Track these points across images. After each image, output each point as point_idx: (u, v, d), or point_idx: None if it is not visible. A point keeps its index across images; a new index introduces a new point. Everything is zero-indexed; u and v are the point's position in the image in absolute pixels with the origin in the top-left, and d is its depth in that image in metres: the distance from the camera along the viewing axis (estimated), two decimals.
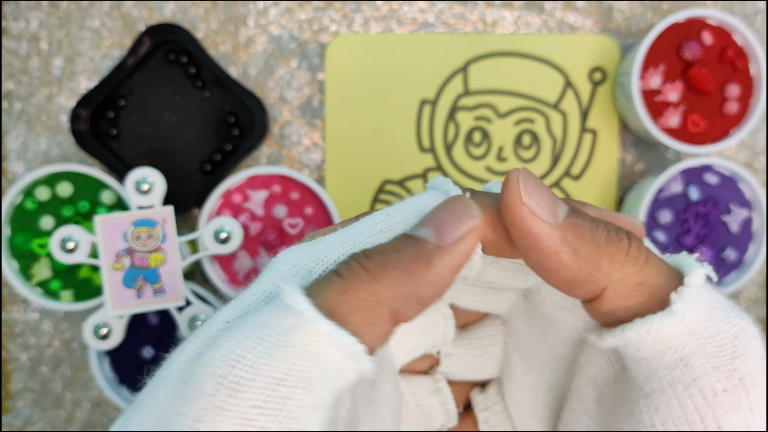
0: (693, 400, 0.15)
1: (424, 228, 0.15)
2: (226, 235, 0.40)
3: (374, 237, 0.17)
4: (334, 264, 0.16)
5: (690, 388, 0.15)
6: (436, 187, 0.19)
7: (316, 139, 0.48)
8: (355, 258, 0.15)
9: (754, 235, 0.44)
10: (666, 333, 0.15)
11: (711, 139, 0.44)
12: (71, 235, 0.39)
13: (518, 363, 0.23)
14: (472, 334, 0.23)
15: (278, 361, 0.14)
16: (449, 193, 0.18)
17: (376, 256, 0.15)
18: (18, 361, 0.48)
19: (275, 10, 0.47)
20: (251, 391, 0.14)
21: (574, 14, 0.48)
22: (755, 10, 0.48)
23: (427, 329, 0.22)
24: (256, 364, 0.14)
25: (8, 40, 0.47)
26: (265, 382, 0.14)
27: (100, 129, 0.46)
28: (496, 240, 0.17)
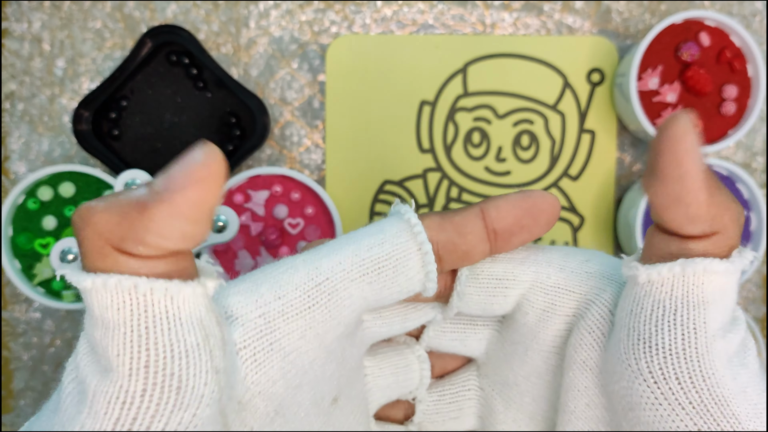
0: (698, 339, 0.17)
1: (159, 177, 0.16)
2: (222, 224, 0.40)
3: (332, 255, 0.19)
4: (298, 298, 0.18)
5: (699, 329, 0.17)
6: (397, 212, 0.20)
7: (317, 139, 0.48)
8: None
9: (752, 235, 0.45)
10: (713, 275, 0.17)
11: (709, 139, 0.44)
12: (71, 247, 0.39)
13: (498, 401, 0.23)
14: (446, 381, 0.24)
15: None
16: (409, 219, 0.19)
17: (107, 197, 0.16)
18: (20, 360, 0.48)
19: (276, 11, 0.48)
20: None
21: (573, 16, 0.48)
22: (753, 11, 0.48)
23: (402, 369, 0.23)
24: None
25: (10, 41, 0.47)
26: None
27: (102, 129, 0.46)
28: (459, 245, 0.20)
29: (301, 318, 0.18)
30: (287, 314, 0.18)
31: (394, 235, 0.19)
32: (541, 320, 0.21)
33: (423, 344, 0.23)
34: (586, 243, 0.48)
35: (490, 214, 0.20)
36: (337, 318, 0.19)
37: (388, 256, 0.19)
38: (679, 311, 0.17)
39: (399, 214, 0.20)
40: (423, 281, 0.20)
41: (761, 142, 0.49)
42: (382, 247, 0.19)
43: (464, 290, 0.21)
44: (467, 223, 0.20)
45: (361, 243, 0.19)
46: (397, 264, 0.19)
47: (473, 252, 0.20)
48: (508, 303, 0.21)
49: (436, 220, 0.20)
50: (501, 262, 0.21)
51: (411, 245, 0.19)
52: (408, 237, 0.19)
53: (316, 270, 0.19)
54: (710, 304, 0.17)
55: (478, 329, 0.23)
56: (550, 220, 0.20)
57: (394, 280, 0.19)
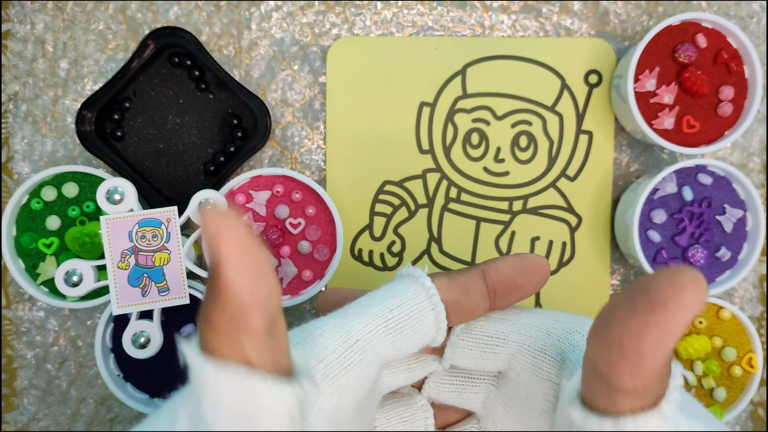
0: None
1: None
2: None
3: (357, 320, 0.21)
4: (336, 361, 0.20)
5: None
6: (411, 274, 0.22)
7: (318, 140, 0.49)
8: None
9: (748, 235, 0.45)
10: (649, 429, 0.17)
11: (705, 140, 0.45)
12: (75, 269, 0.39)
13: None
14: (451, 429, 0.26)
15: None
16: (423, 283, 0.22)
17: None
18: (24, 359, 0.48)
19: (277, 14, 0.48)
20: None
21: (571, 18, 0.48)
22: (750, 13, 0.49)
23: (408, 418, 0.25)
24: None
25: (14, 43, 0.48)
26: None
27: (104, 130, 0.47)
28: (464, 304, 0.22)
29: (340, 378, 0.20)
30: (329, 375, 0.20)
31: (411, 297, 0.22)
32: (531, 382, 0.22)
33: (425, 395, 0.25)
34: (584, 242, 0.48)
35: (490, 276, 0.23)
36: (367, 374, 0.21)
37: (407, 316, 0.21)
38: None
39: (413, 277, 0.22)
40: (434, 336, 0.22)
41: (758, 142, 0.49)
42: (401, 309, 0.22)
43: (458, 342, 0.23)
44: (471, 284, 0.22)
45: (383, 305, 0.22)
46: (415, 323, 0.22)
47: (476, 309, 0.23)
48: (499, 360, 0.23)
49: (445, 281, 0.22)
50: (493, 321, 0.23)
51: (426, 305, 0.22)
52: (424, 298, 0.22)
53: (348, 333, 0.21)
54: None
55: (475, 383, 0.25)
56: (542, 280, 0.23)
57: (412, 337, 0.22)
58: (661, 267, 0.45)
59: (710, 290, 0.45)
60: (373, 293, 0.22)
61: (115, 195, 0.39)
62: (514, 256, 0.23)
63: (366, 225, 0.48)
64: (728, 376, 0.45)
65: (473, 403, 0.25)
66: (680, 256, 0.45)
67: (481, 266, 0.23)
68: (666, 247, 0.45)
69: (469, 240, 0.48)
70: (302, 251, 0.45)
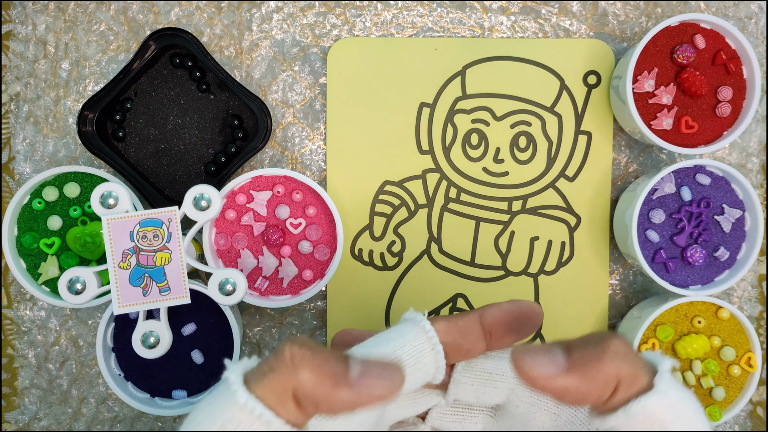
0: None
1: (358, 363, 0.20)
2: (205, 203, 0.40)
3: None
4: None
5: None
6: (412, 318, 0.24)
7: (318, 141, 0.49)
8: (286, 345, 0.20)
9: (747, 235, 0.45)
10: (652, 407, 0.20)
11: (704, 140, 0.45)
12: (78, 277, 0.39)
13: None
14: None
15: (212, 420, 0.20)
16: (423, 326, 0.24)
17: (306, 349, 0.20)
18: (25, 359, 0.49)
19: (278, 15, 0.48)
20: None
21: (570, 19, 0.49)
22: (748, 14, 0.49)
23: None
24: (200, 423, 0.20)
25: (15, 44, 0.48)
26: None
27: (106, 131, 0.47)
28: (462, 345, 0.24)
29: (348, 417, 0.22)
30: (339, 419, 0.22)
31: (413, 339, 0.24)
32: (529, 413, 0.25)
33: (428, 425, 0.27)
34: (583, 242, 0.48)
35: (486, 320, 0.25)
36: (376, 410, 0.23)
37: (409, 356, 0.24)
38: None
39: (415, 321, 0.24)
40: (434, 373, 0.24)
41: (756, 143, 0.49)
42: (404, 349, 0.24)
43: (459, 379, 0.25)
44: (468, 326, 0.24)
45: (388, 346, 0.24)
46: (416, 362, 0.24)
47: (474, 350, 0.25)
48: (498, 395, 0.25)
49: (444, 324, 0.24)
50: (492, 359, 0.25)
51: (426, 346, 0.24)
52: (424, 340, 0.24)
53: None
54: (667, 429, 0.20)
55: (475, 414, 0.27)
56: (535, 325, 0.25)
57: (413, 374, 0.24)
58: (659, 266, 0.45)
59: (709, 290, 0.45)
60: (380, 335, 0.24)
61: (109, 199, 0.39)
62: (509, 302, 0.25)
63: (366, 225, 0.48)
64: (727, 376, 0.45)
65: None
66: (679, 256, 0.45)
67: (479, 311, 0.25)
68: (665, 247, 0.45)
69: (468, 240, 0.48)
70: (303, 251, 0.45)
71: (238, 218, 0.45)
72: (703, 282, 0.45)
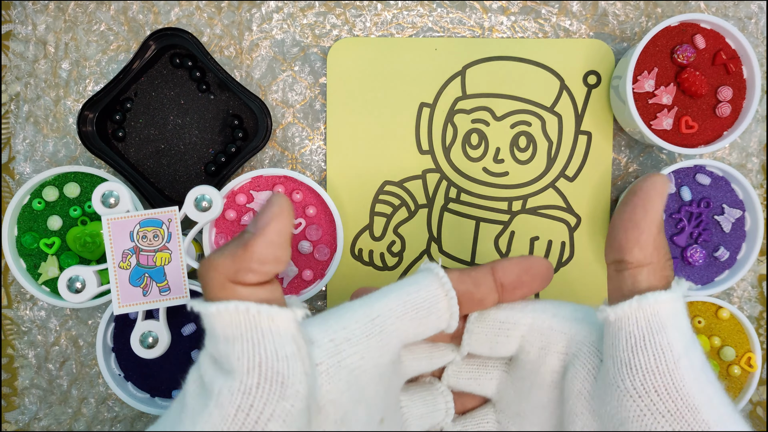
0: (666, 359, 0.22)
1: (250, 224, 0.22)
2: (206, 204, 0.40)
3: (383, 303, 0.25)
4: (359, 329, 0.24)
5: (665, 350, 0.22)
6: (427, 268, 0.26)
7: (318, 140, 0.49)
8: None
9: (747, 235, 0.45)
10: (663, 304, 0.22)
11: (704, 141, 0.45)
12: (78, 275, 0.40)
13: (513, 428, 0.28)
14: (468, 415, 0.29)
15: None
16: (437, 273, 0.25)
17: (221, 247, 0.22)
18: (25, 359, 0.49)
19: (278, 15, 0.48)
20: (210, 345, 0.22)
21: (570, 19, 0.49)
22: (748, 14, 0.49)
23: (430, 401, 0.28)
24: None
25: (15, 44, 0.48)
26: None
27: (106, 131, 0.47)
28: (474, 294, 0.25)
29: (361, 344, 0.23)
30: (351, 340, 0.23)
31: (427, 285, 0.25)
32: (539, 357, 0.26)
33: (445, 383, 0.28)
34: (583, 242, 0.48)
35: (497, 272, 0.26)
36: (387, 346, 0.24)
37: (423, 300, 0.25)
38: (646, 337, 0.22)
39: (429, 270, 0.25)
40: (448, 320, 0.25)
41: (756, 143, 0.49)
42: (419, 294, 0.25)
43: (473, 329, 0.26)
44: (481, 277, 0.26)
45: (403, 291, 0.25)
46: (431, 306, 0.25)
47: (486, 300, 0.26)
48: (511, 344, 0.26)
49: (457, 274, 0.25)
50: (504, 309, 0.26)
51: (440, 292, 0.25)
52: (438, 286, 0.25)
53: (370, 309, 0.24)
54: (668, 327, 0.22)
55: (489, 370, 0.28)
56: (545, 279, 0.26)
57: (428, 318, 0.25)
58: None
59: (709, 290, 0.45)
60: (396, 283, 0.25)
61: (110, 199, 0.39)
62: (520, 256, 0.26)
63: (366, 225, 0.48)
64: (727, 376, 0.45)
65: (488, 389, 0.28)
66: (679, 256, 0.45)
67: (490, 264, 0.26)
68: None
69: (468, 240, 0.48)
70: (303, 251, 0.45)
71: (238, 218, 0.45)
72: (703, 282, 0.45)
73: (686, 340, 0.22)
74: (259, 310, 0.21)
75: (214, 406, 0.20)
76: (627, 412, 0.22)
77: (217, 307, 0.21)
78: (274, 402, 0.20)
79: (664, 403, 0.21)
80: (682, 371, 0.21)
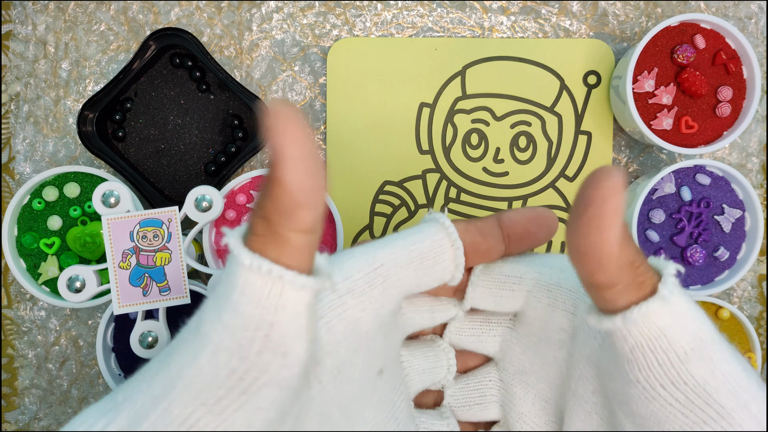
0: (670, 358, 0.20)
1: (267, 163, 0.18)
2: (207, 204, 0.40)
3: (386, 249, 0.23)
4: (361, 279, 0.23)
5: (668, 351, 0.20)
6: (433, 218, 0.25)
7: (318, 140, 0.49)
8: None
9: (747, 235, 0.45)
10: (653, 314, 0.19)
11: (704, 141, 0.45)
12: (78, 275, 0.40)
13: (517, 387, 0.27)
14: (470, 374, 0.28)
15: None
16: (443, 223, 0.24)
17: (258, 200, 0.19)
18: (25, 359, 0.49)
19: (278, 15, 0.48)
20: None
21: (570, 19, 0.49)
22: (748, 14, 0.49)
23: (432, 357, 0.27)
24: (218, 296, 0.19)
25: (15, 44, 0.48)
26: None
27: (106, 131, 0.47)
28: (481, 244, 0.24)
29: (364, 295, 0.22)
30: (353, 291, 0.22)
31: (433, 234, 0.24)
32: (547, 314, 0.24)
33: (446, 340, 0.27)
34: None
35: (504, 222, 0.25)
36: (389, 296, 0.23)
37: (429, 250, 0.24)
38: (644, 343, 0.20)
39: (435, 220, 0.24)
40: (453, 272, 0.24)
41: (756, 143, 0.49)
42: (424, 243, 0.24)
43: (477, 282, 0.25)
44: (487, 227, 0.25)
45: (408, 239, 0.24)
46: (436, 256, 0.24)
47: (492, 251, 0.25)
48: (516, 297, 0.25)
49: (463, 224, 0.24)
50: (509, 263, 0.25)
51: (446, 242, 0.24)
52: (444, 236, 0.24)
53: (373, 258, 0.23)
54: (666, 329, 0.20)
55: (493, 327, 0.27)
56: (551, 229, 0.25)
57: (433, 269, 0.24)
58: None
59: (709, 290, 0.45)
60: (399, 232, 0.24)
61: (111, 198, 0.39)
62: (526, 207, 0.25)
63: (366, 225, 0.48)
64: None
65: (491, 347, 0.27)
66: (679, 256, 0.45)
67: (497, 214, 0.25)
68: (665, 247, 0.45)
69: None
70: None
71: (238, 218, 0.45)
72: (703, 282, 0.45)
73: (693, 333, 0.20)
74: (287, 280, 0.18)
75: (207, 361, 0.18)
76: (631, 396, 0.21)
77: (251, 261, 0.18)
78: (274, 370, 0.19)
79: (673, 395, 0.20)
80: (693, 364, 0.19)
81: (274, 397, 0.19)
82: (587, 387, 0.23)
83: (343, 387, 0.22)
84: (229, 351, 0.18)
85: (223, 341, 0.18)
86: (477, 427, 0.28)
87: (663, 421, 0.20)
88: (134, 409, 0.19)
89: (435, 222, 0.24)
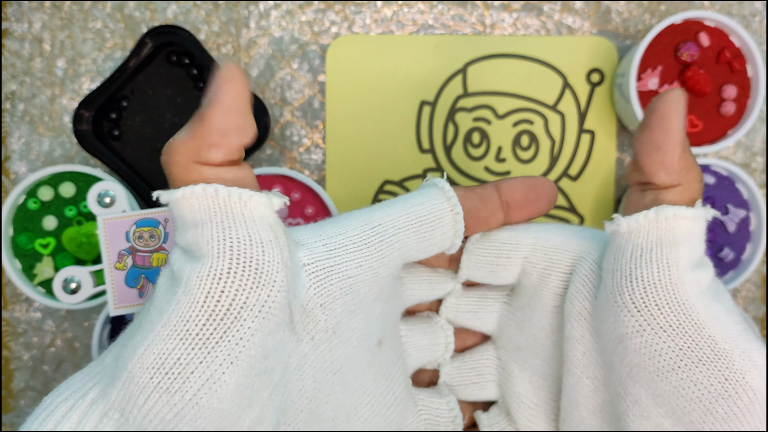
0: (670, 270, 0.20)
1: (203, 99, 0.20)
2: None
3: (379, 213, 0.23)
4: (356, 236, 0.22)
5: (671, 263, 0.20)
6: (433, 183, 0.24)
7: (317, 139, 0.48)
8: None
9: (752, 235, 0.45)
10: (681, 221, 0.21)
11: (708, 139, 0.45)
12: (73, 276, 0.39)
13: (514, 365, 0.26)
14: (467, 352, 0.28)
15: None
16: (443, 188, 0.24)
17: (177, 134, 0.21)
18: (20, 360, 0.48)
19: (276, 12, 0.48)
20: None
21: (572, 16, 0.48)
22: (752, 11, 0.48)
23: (430, 334, 0.27)
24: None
25: (11, 42, 0.48)
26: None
27: (102, 130, 0.47)
28: (480, 211, 0.24)
29: (358, 251, 0.22)
30: (346, 246, 0.22)
31: (432, 198, 0.24)
32: (542, 279, 0.24)
33: (443, 316, 0.27)
34: None
35: (503, 189, 0.25)
36: (387, 257, 0.22)
37: (428, 213, 0.23)
38: (654, 249, 0.20)
39: (434, 185, 0.24)
40: (452, 238, 0.24)
41: (761, 142, 0.49)
42: (423, 206, 0.23)
43: (473, 249, 0.25)
44: (487, 194, 0.24)
45: (407, 203, 0.23)
46: (435, 220, 0.23)
47: (492, 218, 0.25)
48: (512, 267, 0.25)
49: (462, 190, 0.24)
50: (506, 230, 0.25)
51: (446, 207, 0.24)
52: (443, 200, 0.24)
53: (370, 217, 0.23)
54: (680, 244, 0.20)
55: (489, 302, 0.27)
56: (551, 198, 0.25)
57: (432, 233, 0.23)
58: None
59: None
60: (401, 196, 0.24)
61: (106, 198, 0.39)
62: (524, 176, 0.25)
63: None
64: None
65: (488, 324, 0.27)
66: None
67: (496, 182, 0.25)
68: None
69: None
70: None
71: None
72: None
73: (697, 260, 0.21)
74: (229, 192, 0.19)
75: (182, 293, 0.18)
76: (625, 328, 0.20)
77: (183, 191, 0.19)
78: (248, 289, 0.18)
79: (666, 318, 0.20)
80: (686, 285, 0.20)
81: (254, 327, 0.18)
82: (577, 348, 0.23)
83: (339, 350, 0.22)
84: (199, 275, 0.18)
85: (192, 272, 0.19)
86: (475, 407, 0.28)
87: (657, 355, 0.20)
88: (118, 361, 0.19)
89: (434, 186, 0.24)
